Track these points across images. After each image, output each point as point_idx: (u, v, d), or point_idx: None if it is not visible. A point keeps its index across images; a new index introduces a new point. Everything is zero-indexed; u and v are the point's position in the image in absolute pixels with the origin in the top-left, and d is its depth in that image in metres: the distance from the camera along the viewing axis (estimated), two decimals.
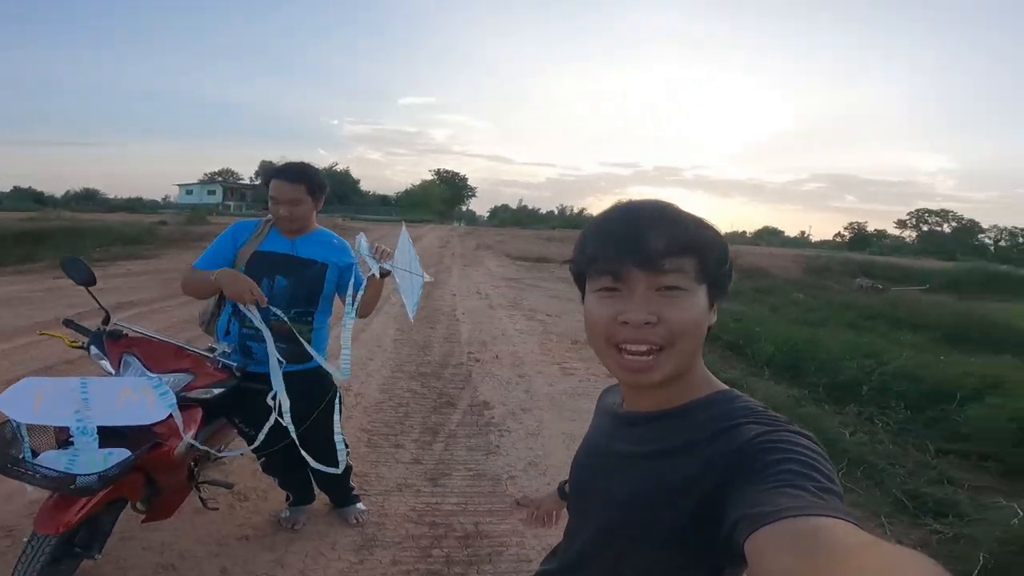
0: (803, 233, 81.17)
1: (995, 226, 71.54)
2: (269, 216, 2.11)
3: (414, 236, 2.19)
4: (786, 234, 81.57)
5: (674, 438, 0.70)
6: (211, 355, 1.98)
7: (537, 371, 5.37)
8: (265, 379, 1.96)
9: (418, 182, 71.95)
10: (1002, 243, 68.95)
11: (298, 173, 2.03)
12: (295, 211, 2.03)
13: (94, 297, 1.99)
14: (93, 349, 1.91)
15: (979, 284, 24.30)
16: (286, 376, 1.96)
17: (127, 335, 1.99)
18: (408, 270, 2.04)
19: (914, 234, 73.07)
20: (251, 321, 1.97)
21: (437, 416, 4.05)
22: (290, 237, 2.10)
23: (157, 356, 1.91)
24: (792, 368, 5.81)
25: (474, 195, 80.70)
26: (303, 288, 2.07)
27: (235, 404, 2.05)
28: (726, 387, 0.76)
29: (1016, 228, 69.97)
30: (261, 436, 1.96)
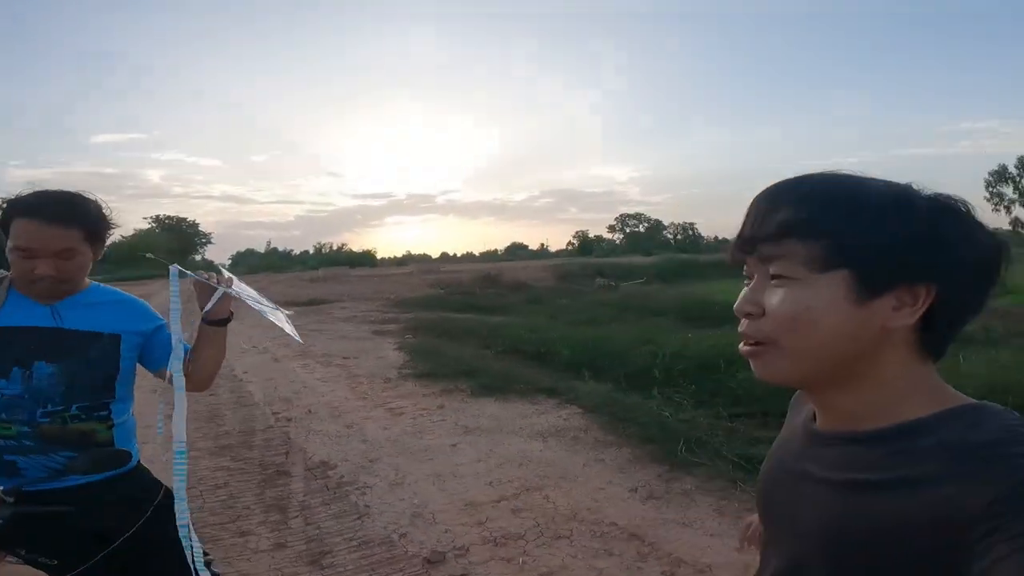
0: (543, 245, 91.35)
1: (672, 223, 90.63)
2: (4, 274, 1.41)
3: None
4: (530, 247, 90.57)
5: (885, 468, 0.55)
6: None
7: (363, 417, 4.98)
8: (56, 495, 1.37)
9: (130, 232, 60.84)
10: (679, 237, 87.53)
11: (68, 210, 1.35)
12: (65, 268, 1.35)
13: None
14: None
15: (675, 272, 30.49)
16: (88, 490, 1.39)
17: None
18: (260, 302, 1.56)
19: (621, 236, 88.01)
20: (15, 425, 1.34)
21: (274, 490, 3.46)
22: (47, 302, 1.40)
23: None
24: (590, 365, 6.44)
25: (209, 242, 70.68)
26: (85, 374, 1.41)
27: (14, 534, 1.37)
28: (971, 401, 0.57)
29: (687, 223, 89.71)
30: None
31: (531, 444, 4.30)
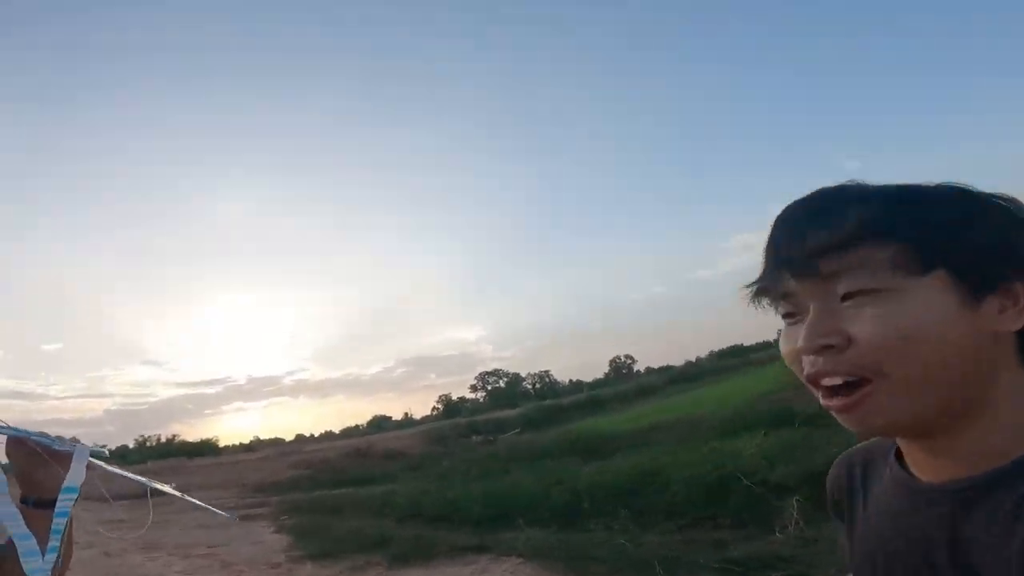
0: (407, 415, 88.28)
1: (529, 373, 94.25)
2: None
3: None
4: (393, 418, 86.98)
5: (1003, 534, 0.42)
6: None
7: None
8: None
9: None
10: (537, 385, 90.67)
11: None
12: None
13: None
14: None
15: (543, 418, 31.10)
16: None
17: None
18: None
19: (484, 393, 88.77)
20: None
21: None
22: None
23: None
24: (506, 515, 6.20)
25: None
26: None
27: None
28: None
29: (542, 371, 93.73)
30: None
31: None
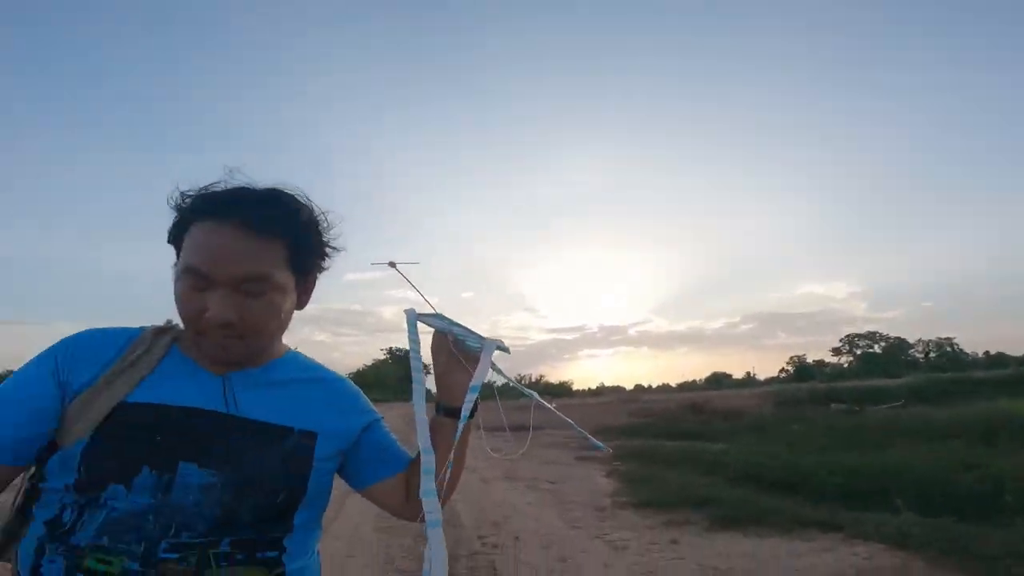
0: (749, 374, 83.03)
1: (920, 339, 76.23)
2: (171, 323, 0.90)
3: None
4: (733, 376, 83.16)
5: None
6: None
7: (579, 550, 4.05)
8: None
9: (369, 362, 69.16)
10: (931, 354, 72.84)
11: (266, 213, 0.81)
12: (251, 312, 0.80)
13: None
14: None
15: (940, 392, 24.55)
16: None
17: None
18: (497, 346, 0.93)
19: (850, 358, 76.23)
20: (120, 558, 0.75)
21: None
22: (219, 370, 0.85)
23: None
24: (877, 496, 4.76)
25: (429, 372, 78.49)
26: (258, 491, 0.82)
27: None
28: None
29: (942, 338, 74.73)
30: None
31: None
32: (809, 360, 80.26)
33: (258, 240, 0.78)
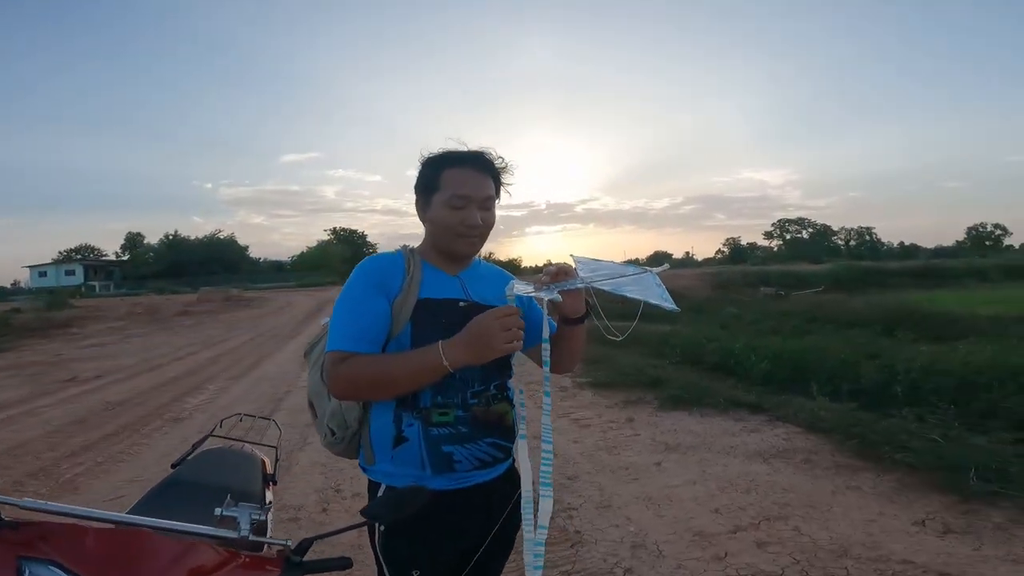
0: (688, 254, 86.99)
1: (843, 228, 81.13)
2: (410, 246, 1.35)
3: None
4: (674, 256, 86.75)
5: None
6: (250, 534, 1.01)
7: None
8: (481, 491, 1.24)
9: (313, 244, 67.41)
10: (851, 243, 78.16)
11: (487, 160, 1.30)
12: (487, 220, 1.29)
13: None
14: None
15: (857, 280, 26.92)
16: (487, 488, 1.25)
17: (28, 523, 0.89)
18: (620, 274, 1.28)
19: (780, 243, 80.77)
20: (452, 409, 1.20)
21: None
22: (453, 271, 1.32)
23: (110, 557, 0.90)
24: (797, 381, 5.54)
25: (375, 252, 76.99)
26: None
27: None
28: None
29: (863, 228, 79.82)
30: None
31: (752, 466, 3.66)
32: (743, 243, 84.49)
33: (488, 177, 1.28)
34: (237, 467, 1.77)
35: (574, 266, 1.27)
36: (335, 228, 68.75)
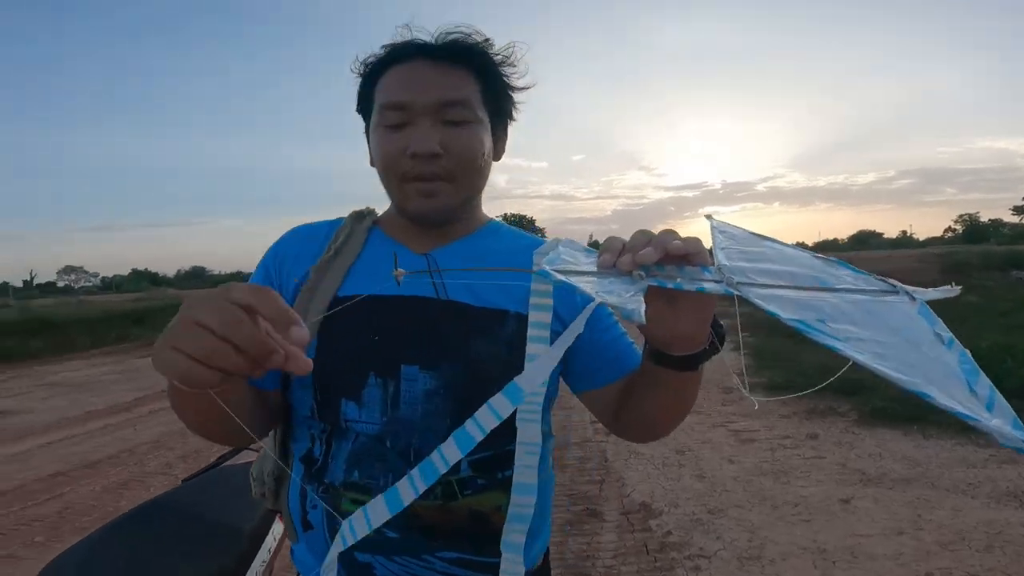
0: (905, 232, 74.00)
1: None
2: (373, 208, 0.83)
3: None
4: (885, 235, 74.55)
5: None
6: None
7: (698, 440, 3.74)
8: None
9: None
10: None
11: (455, 43, 0.73)
12: (455, 142, 0.70)
13: None
14: None
15: None
16: None
17: None
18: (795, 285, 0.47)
19: None
20: (360, 492, 0.70)
21: (579, 540, 2.52)
22: (422, 247, 0.76)
23: None
24: None
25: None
26: (480, 394, 0.51)
27: None
28: None
29: None
30: None
31: (1001, 512, 2.49)
32: (985, 219, 69.39)
33: (451, 68, 0.71)
34: (243, 493, 1.42)
35: (710, 244, 0.51)
36: (506, 214, 71.86)
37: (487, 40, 0.74)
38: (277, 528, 1.32)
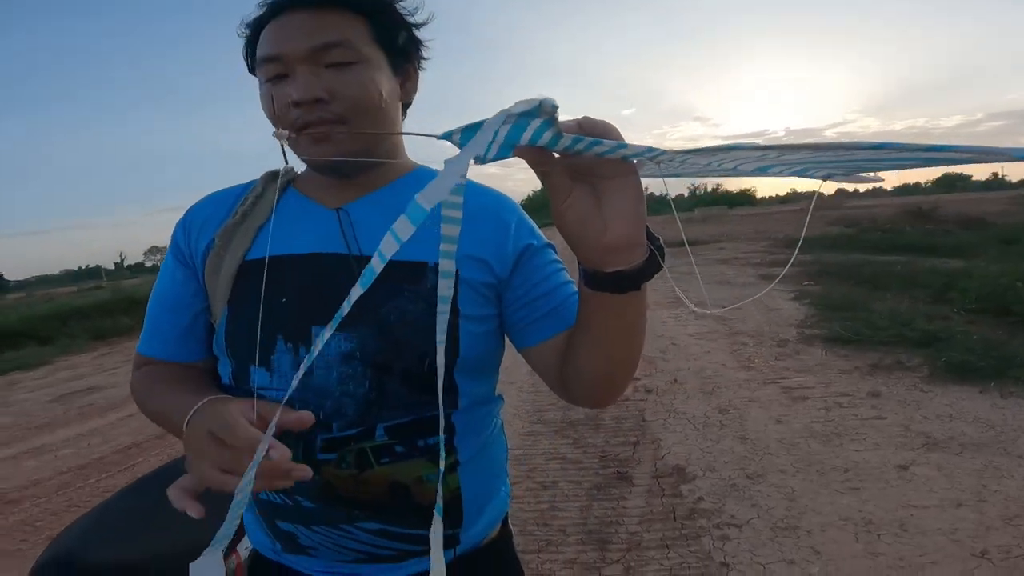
0: (996, 175, 67.00)
1: None
2: (286, 167, 0.72)
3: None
4: (974, 178, 67.90)
5: None
6: None
7: (746, 398, 3.53)
8: None
9: (539, 188, 71.07)
10: None
11: None
12: (339, 86, 0.64)
13: None
14: None
15: None
16: None
17: None
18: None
19: None
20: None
21: (603, 504, 2.44)
22: (335, 201, 0.71)
23: None
24: None
25: None
26: (399, 355, 0.66)
27: None
28: None
29: None
30: None
31: None
32: None
33: (327, 12, 0.66)
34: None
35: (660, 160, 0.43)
36: None
37: None
38: None
